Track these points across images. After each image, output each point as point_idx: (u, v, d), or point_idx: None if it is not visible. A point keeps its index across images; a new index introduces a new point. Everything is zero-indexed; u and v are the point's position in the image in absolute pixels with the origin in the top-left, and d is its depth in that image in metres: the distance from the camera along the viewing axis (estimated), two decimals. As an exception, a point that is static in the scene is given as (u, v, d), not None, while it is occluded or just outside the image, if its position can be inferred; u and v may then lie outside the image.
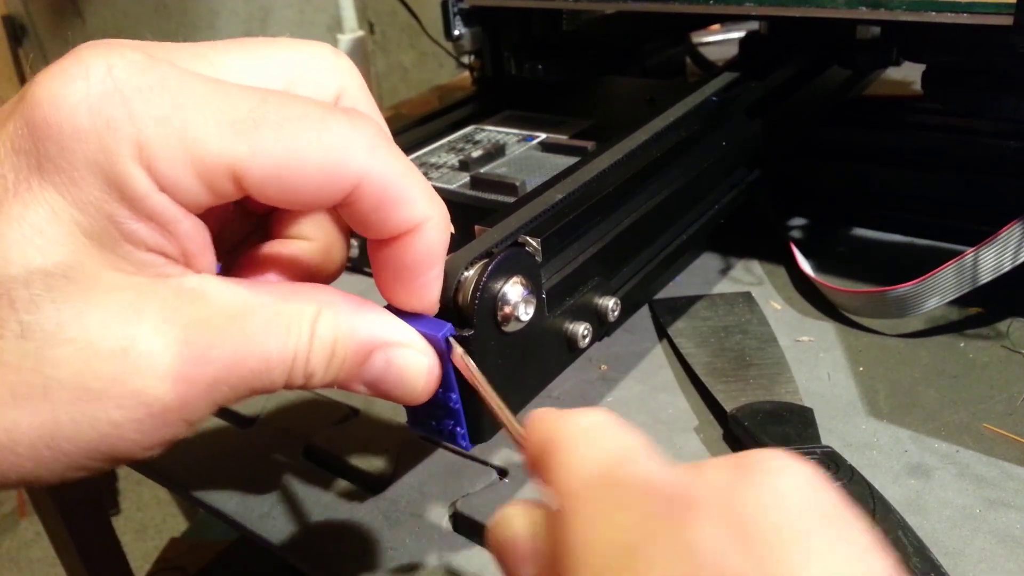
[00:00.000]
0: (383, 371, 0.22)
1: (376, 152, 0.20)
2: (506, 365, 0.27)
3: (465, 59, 0.59)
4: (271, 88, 0.20)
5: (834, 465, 0.28)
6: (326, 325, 0.21)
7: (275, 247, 0.24)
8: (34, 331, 0.18)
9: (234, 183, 0.19)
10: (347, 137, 0.19)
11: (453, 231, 0.24)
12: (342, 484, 0.32)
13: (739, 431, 0.32)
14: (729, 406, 0.33)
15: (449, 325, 0.24)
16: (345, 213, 0.21)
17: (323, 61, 0.22)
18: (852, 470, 0.28)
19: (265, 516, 0.31)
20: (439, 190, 0.43)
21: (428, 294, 0.23)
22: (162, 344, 0.18)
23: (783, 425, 0.31)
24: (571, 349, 0.30)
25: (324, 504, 0.31)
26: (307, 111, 0.19)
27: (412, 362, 0.22)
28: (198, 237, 0.20)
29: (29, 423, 0.18)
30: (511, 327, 0.26)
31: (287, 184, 0.19)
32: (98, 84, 0.18)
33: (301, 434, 0.34)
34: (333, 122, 0.19)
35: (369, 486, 0.32)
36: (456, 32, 0.53)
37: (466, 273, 0.25)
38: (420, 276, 0.22)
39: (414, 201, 0.21)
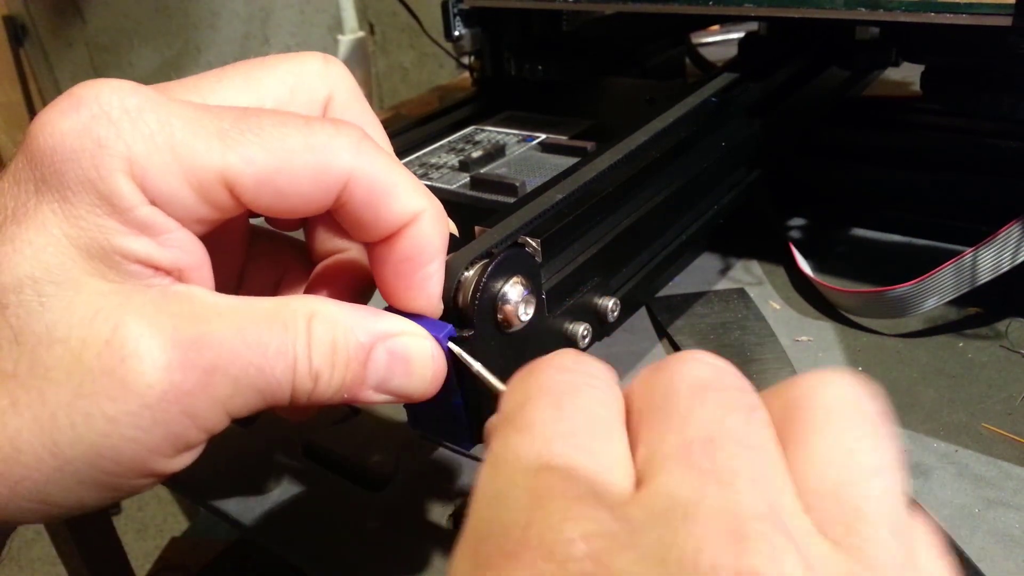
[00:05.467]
0: (388, 366, 0.22)
1: (361, 150, 0.20)
2: (506, 365, 0.27)
3: (465, 60, 0.59)
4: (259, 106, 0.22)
5: None
6: (322, 326, 0.21)
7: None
8: (26, 335, 0.18)
9: (228, 192, 0.19)
10: (332, 139, 0.20)
11: (456, 233, 0.25)
12: (342, 483, 0.32)
13: None
14: None
15: (449, 326, 0.24)
16: (341, 217, 0.21)
17: (311, 71, 0.23)
18: None
19: (265, 516, 0.31)
20: (439, 190, 0.43)
21: (429, 289, 0.23)
22: (149, 331, 0.18)
23: None
24: (571, 349, 0.31)
25: (324, 503, 0.31)
26: (288, 119, 0.20)
27: (414, 348, 0.22)
28: (192, 249, 0.20)
29: (30, 429, 0.18)
30: (511, 327, 0.26)
31: (280, 189, 0.20)
32: (87, 110, 0.19)
33: (301, 433, 0.34)
34: (317, 126, 0.20)
35: (369, 485, 0.32)
36: (456, 33, 0.53)
37: (466, 273, 0.26)
38: (419, 269, 0.22)
39: (405, 194, 0.21)
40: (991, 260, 0.34)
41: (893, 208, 0.46)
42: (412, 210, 0.21)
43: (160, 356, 0.18)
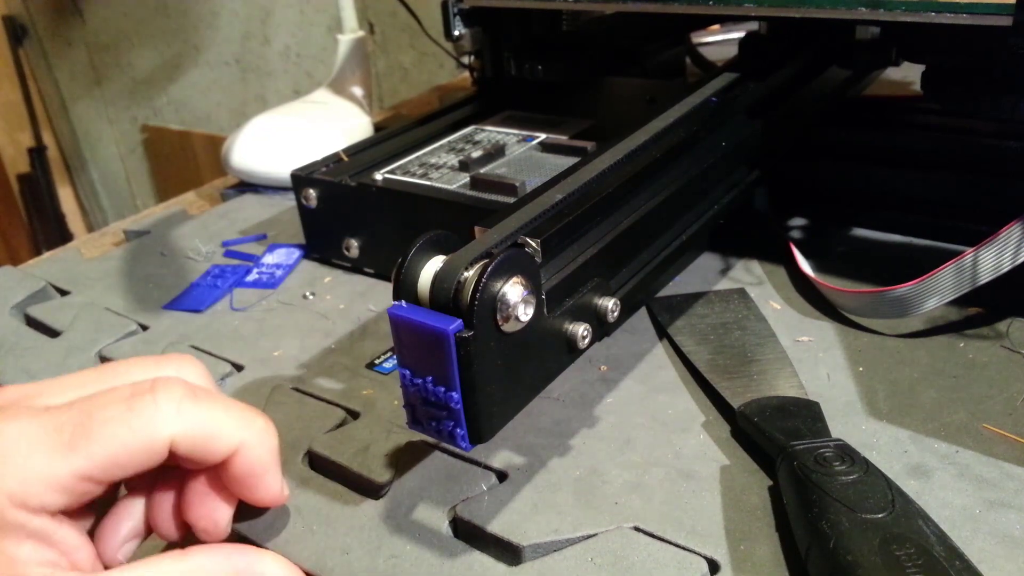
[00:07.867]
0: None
1: (182, 410, 0.25)
2: (506, 366, 0.27)
3: (465, 59, 0.59)
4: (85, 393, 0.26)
5: (848, 458, 0.28)
6: None
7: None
8: None
9: (88, 482, 0.24)
10: (153, 413, 0.24)
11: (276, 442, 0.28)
12: (341, 489, 0.32)
13: (748, 427, 0.32)
14: (736, 403, 0.33)
15: (459, 320, 0.24)
16: (176, 459, 0.26)
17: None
18: (867, 462, 0.28)
19: (264, 522, 0.31)
20: (439, 190, 0.43)
21: (268, 490, 0.28)
22: None
23: (792, 420, 0.31)
24: (571, 350, 0.30)
25: (323, 510, 0.31)
26: (112, 403, 0.24)
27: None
28: (73, 540, 0.25)
29: None
30: (511, 327, 0.26)
31: (123, 466, 0.24)
32: None
33: (300, 439, 0.34)
34: (138, 405, 0.24)
35: (368, 491, 0.32)
36: (456, 32, 0.53)
37: (466, 273, 0.25)
38: (254, 480, 0.27)
39: (226, 433, 0.26)
40: (991, 260, 0.34)
41: (893, 208, 0.46)
42: (235, 443, 0.26)
43: None
